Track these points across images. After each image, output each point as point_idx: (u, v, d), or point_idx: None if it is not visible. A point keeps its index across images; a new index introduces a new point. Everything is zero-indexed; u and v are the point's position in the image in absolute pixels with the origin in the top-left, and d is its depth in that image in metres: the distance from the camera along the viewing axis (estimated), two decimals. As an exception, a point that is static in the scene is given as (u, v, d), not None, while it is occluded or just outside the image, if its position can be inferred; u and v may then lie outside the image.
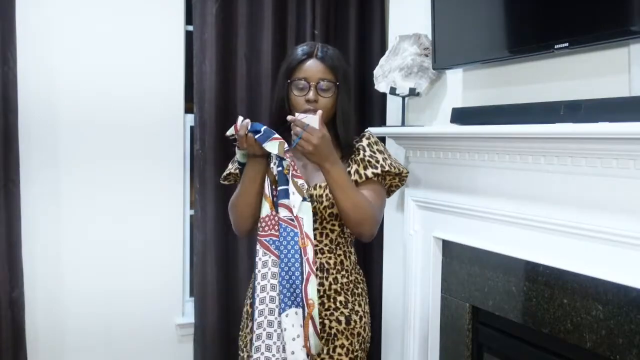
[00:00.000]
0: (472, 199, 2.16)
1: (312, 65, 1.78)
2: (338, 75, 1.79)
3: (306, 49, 1.81)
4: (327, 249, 1.80)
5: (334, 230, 1.81)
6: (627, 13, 1.64)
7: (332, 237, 1.81)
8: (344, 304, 1.81)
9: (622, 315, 1.69)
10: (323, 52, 1.80)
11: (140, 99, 2.77)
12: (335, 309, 1.80)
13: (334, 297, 1.80)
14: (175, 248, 2.89)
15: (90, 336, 2.73)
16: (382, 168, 1.80)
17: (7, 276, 2.50)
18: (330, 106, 1.78)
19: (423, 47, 2.47)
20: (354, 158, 1.82)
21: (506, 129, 1.88)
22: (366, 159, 1.81)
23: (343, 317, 1.80)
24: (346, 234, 1.85)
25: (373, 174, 1.79)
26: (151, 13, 2.78)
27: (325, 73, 1.77)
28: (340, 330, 1.79)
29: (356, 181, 1.78)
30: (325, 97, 1.77)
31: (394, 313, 2.75)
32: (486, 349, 2.31)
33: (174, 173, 2.87)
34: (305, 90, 1.77)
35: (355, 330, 1.81)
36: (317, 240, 1.79)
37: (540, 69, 2.02)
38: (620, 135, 1.56)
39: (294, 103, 1.79)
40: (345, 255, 1.84)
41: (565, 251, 1.80)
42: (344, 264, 1.83)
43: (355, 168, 1.80)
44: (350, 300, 1.82)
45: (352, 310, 1.82)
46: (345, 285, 1.82)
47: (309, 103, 1.76)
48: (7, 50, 2.46)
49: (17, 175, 2.51)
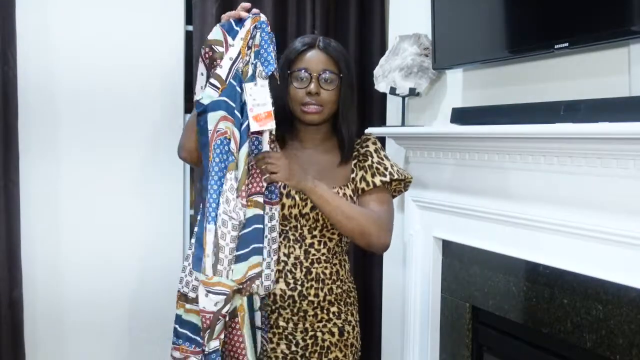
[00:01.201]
0: (472, 198, 2.16)
1: (314, 56, 1.68)
2: (341, 66, 1.68)
3: (307, 40, 1.72)
4: (324, 258, 1.73)
5: (332, 239, 1.75)
6: (627, 13, 1.64)
7: (330, 246, 1.75)
8: (337, 315, 1.75)
9: (622, 315, 1.69)
10: (325, 42, 1.71)
11: (140, 98, 2.77)
12: (328, 320, 1.74)
13: (327, 308, 1.73)
14: (175, 248, 2.88)
15: (89, 337, 2.73)
16: (390, 176, 1.73)
17: (6, 276, 2.49)
18: (333, 101, 1.68)
19: (423, 47, 2.47)
20: (359, 164, 1.75)
21: (506, 129, 1.88)
22: (374, 166, 1.73)
23: (336, 328, 1.74)
24: (343, 243, 1.79)
25: (381, 182, 1.71)
26: (151, 13, 2.77)
27: (328, 64, 1.67)
28: (333, 342, 1.73)
29: (363, 189, 1.71)
30: (328, 89, 1.67)
31: (394, 313, 2.75)
32: (486, 349, 2.31)
33: (174, 173, 2.86)
34: (307, 82, 1.66)
35: (349, 341, 1.76)
36: (315, 249, 1.72)
37: (540, 69, 2.02)
38: (620, 135, 1.55)
39: (292, 97, 1.69)
40: (340, 265, 1.78)
41: (565, 251, 1.79)
42: (340, 274, 1.77)
43: (362, 175, 1.72)
44: (343, 310, 1.76)
45: (345, 321, 1.76)
46: (339, 296, 1.75)
47: (309, 96, 1.66)
48: (7, 50, 2.46)
49: (17, 175, 2.51)
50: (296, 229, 1.72)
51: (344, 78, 1.69)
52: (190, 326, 1.70)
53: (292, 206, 1.70)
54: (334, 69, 1.68)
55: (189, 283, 1.70)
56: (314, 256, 1.72)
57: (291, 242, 1.72)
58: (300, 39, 1.75)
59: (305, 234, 1.72)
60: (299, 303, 1.71)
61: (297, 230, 1.72)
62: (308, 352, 1.72)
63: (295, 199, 1.70)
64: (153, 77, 2.79)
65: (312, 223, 1.71)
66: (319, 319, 1.73)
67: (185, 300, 1.70)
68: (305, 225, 1.71)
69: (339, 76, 1.68)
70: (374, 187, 1.71)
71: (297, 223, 1.71)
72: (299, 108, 1.70)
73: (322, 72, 1.67)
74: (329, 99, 1.68)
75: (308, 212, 1.70)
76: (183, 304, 1.71)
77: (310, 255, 1.72)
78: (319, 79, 1.67)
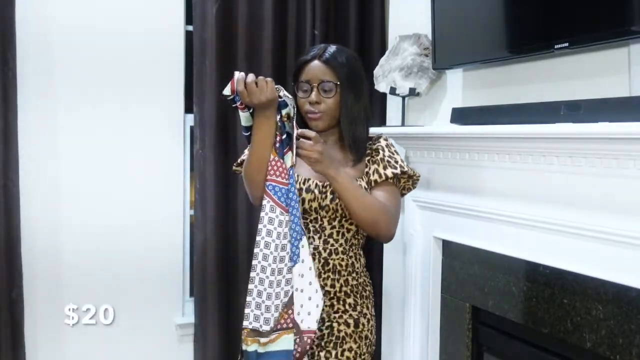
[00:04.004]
0: (472, 198, 2.16)
1: (313, 67, 1.79)
2: (340, 75, 1.78)
3: (314, 51, 1.82)
4: (341, 249, 1.81)
5: (350, 230, 1.82)
6: (627, 13, 1.64)
7: (348, 237, 1.82)
8: (353, 307, 1.81)
9: (622, 315, 1.69)
10: (329, 53, 1.80)
11: (140, 98, 2.77)
12: (344, 312, 1.80)
13: (343, 299, 1.80)
14: (175, 248, 2.89)
15: (89, 337, 2.73)
16: (401, 169, 1.82)
17: (6, 276, 2.50)
18: (334, 107, 1.79)
19: (423, 47, 2.47)
20: (372, 158, 1.83)
21: (506, 129, 1.88)
22: (386, 159, 1.82)
23: (352, 319, 1.80)
24: (360, 235, 1.86)
25: (392, 174, 1.80)
26: (151, 13, 2.77)
27: (326, 74, 1.78)
28: (348, 333, 1.78)
29: (375, 180, 1.80)
30: (328, 97, 1.78)
31: (394, 313, 2.75)
32: (486, 349, 2.31)
33: (174, 173, 2.87)
34: (309, 92, 1.78)
35: (364, 333, 1.81)
36: (334, 239, 1.81)
37: (540, 69, 2.02)
38: (620, 135, 1.55)
39: (300, 106, 1.81)
40: (356, 258, 1.85)
41: (565, 251, 1.79)
42: (355, 266, 1.84)
43: (375, 167, 1.81)
44: (359, 302, 1.82)
45: (361, 313, 1.82)
46: (355, 288, 1.82)
47: (311, 105, 1.78)
48: (7, 50, 2.46)
49: (17, 175, 2.52)
50: (316, 221, 1.81)
51: (343, 85, 1.78)
52: (280, 355, 1.67)
53: (312, 200, 1.79)
54: (332, 78, 1.78)
55: (259, 317, 1.66)
56: (332, 247, 1.80)
57: (311, 232, 1.80)
58: (311, 50, 1.86)
59: (325, 224, 1.81)
60: None
61: (318, 222, 1.81)
62: (324, 341, 1.77)
63: (314, 192, 1.79)
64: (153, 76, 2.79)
65: (331, 214, 1.79)
66: (335, 310, 1.79)
67: (259, 335, 1.66)
68: (325, 217, 1.80)
69: (336, 84, 1.78)
70: (385, 180, 1.80)
71: (317, 215, 1.80)
72: (306, 116, 1.82)
73: (320, 82, 1.78)
74: (329, 107, 1.79)
75: (328, 204, 1.79)
76: (256, 339, 1.66)
77: (329, 246, 1.80)
78: (319, 88, 1.78)
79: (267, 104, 1.64)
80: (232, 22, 2.81)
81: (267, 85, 1.62)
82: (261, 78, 1.63)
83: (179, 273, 2.90)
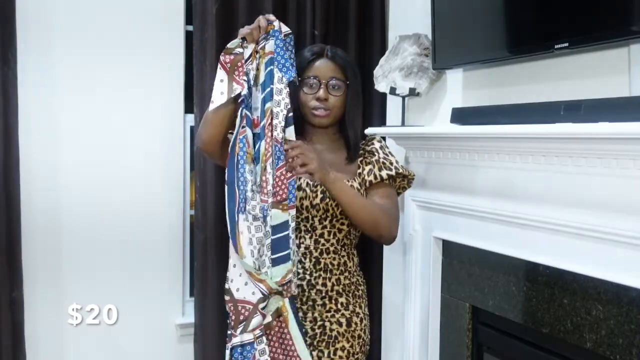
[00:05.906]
0: (472, 199, 2.16)
1: (322, 64, 1.82)
2: (348, 74, 1.82)
3: (316, 49, 1.86)
4: (332, 249, 1.82)
5: (342, 230, 1.83)
6: (627, 13, 1.64)
7: (339, 237, 1.83)
8: (345, 306, 1.82)
9: (622, 315, 1.69)
10: (333, 52, 1.84)
11: (140, 98, 2.77)
12: (337, 311, 1.81)
13: (335, 298, 1.81)
14: (175, 248, 2.89)
15: (90, 337, 2.73)
16: (396, 170, 1.85)
17: (7, 276, 2.50)
18: (340, 105, 1.82)
19: (423, 47, 2.47)
20: (366, 160, 1.85)
21: (506, 129, 1.88)
22: (381, 161, 1.85)
23: (344, 319, 1.81)
24: (352, 235, 1.86)
25: (388, 176, 1.83)
26: (151, 13, 2.78)
27: (336, 72, 1.81)
28: (341, 332, 1.79)
29: (371, 181, 1.82)
30: (336, 95, 1.80)
31: (394, 313, 2.75)
32: (486, 349, 2.31)
33: (174, 173, 2.87)
34: (316, 88, 1.80)
35: (356, 332, 1.82)
36: (325, 239, 1.81)
37: (540, 69, 2.02)
38: (620, 135, 1.55)
39: (303, 101, 1.82)
40: (348, 257, 1.86)
41: (565, 251, 1.79)
42: (347, 265, 1.85)
43: (370, 168, 1.83)
44: (351, 302, 1.83)
45: (353, 312, 1.83)
46: (347, 287, 1.83)
47: (319, 101, 1.80)
48: (7, 50, 2.46)
49: (17, 175, 2.52)
50: (307, 220, 1.82)
51: (351, 85, 1.82)
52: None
53: (303, 198, 1.80)
54: (341, 77, 1.82)
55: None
56: (323, 246, 1.81)
57: (302, 232, 1.81)
58: (309, 48, 1.88)
59: (316, 224, 1.82)
60: (307, 292, 1.80)
61: (309, 221, 1.82)
62: (316, 341, 1.79)
63: (306, 191, 1.80)
64: (153, 76, 2.80)
65: (322, 213, 1.80)
66: (328, 309, 1.80)
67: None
68: (316, 216, 1.81)
69: (345, 83, 1.82)
70: (381, 181, 1.83)
71: (308, 214, 1.81)
72: (310, 112, 1.83)
73: (330, 79, 1.81)
74: (336, 104, 1.82)
75: (318, 203, 1.80)
76: None
77: (320, 245, 1.81)
78: (328, 85, 1.80)
79: None
80: (232, 22, 2.81)
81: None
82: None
83: (179, 273, 2.90)
